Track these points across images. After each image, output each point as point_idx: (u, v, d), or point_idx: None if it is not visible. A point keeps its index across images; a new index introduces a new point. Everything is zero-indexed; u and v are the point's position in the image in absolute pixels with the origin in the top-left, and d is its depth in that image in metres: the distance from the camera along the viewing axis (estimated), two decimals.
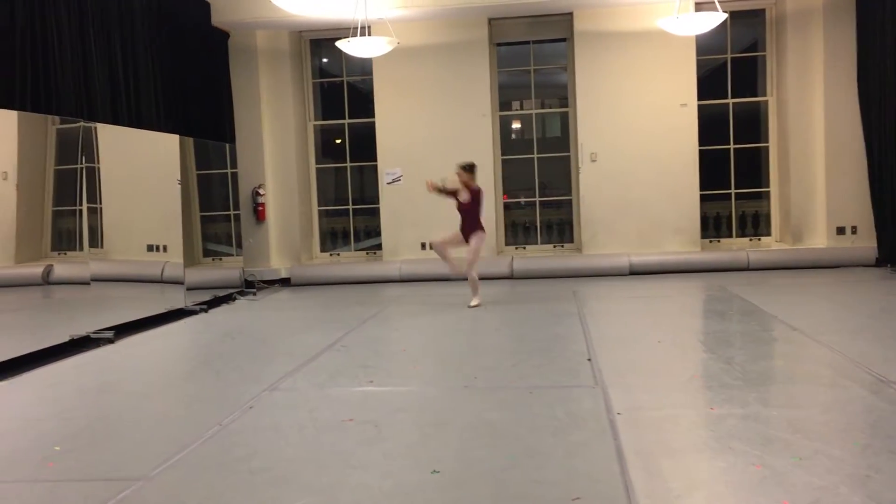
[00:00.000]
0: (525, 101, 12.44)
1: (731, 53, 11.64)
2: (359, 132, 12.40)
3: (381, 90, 11.78)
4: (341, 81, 12.53)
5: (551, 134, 12.75)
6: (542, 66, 12.27)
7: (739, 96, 11.71)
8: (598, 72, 11.31)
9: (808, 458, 3.64)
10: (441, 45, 11.55)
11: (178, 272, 9.20)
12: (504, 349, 6.70)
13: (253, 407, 4.98)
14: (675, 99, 11.20)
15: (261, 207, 11.72)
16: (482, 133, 11.62)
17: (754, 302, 8.19)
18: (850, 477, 3.42)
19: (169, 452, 4.12)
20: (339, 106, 12.53)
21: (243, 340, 7.62)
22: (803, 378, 5.19)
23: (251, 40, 11.64)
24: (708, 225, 11.89)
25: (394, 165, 11.80)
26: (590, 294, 9.46)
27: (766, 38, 11.50)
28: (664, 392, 4.97)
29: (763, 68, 11.65)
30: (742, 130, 11.74)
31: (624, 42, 11.20)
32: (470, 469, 3.76)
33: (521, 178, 12.31)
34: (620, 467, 3.66)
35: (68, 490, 3.72)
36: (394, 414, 4.73)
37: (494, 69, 11.90)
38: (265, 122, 11.82)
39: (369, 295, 10.31)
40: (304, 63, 12.27)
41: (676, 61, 11.13)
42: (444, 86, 11.61)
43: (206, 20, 10.74)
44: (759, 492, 3.31)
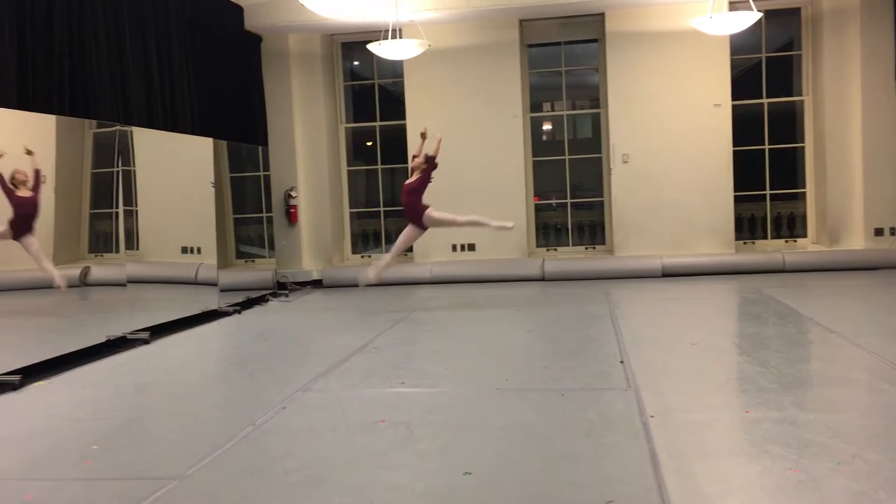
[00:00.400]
0: (556, 102, 12.39)
1: (765, 53, 11.50)
2: (390, 134, 12.45)
3: (412, 92, 11.81)
4: (372, 84, 12.58)
5: (582, 135, 12.69)
6: (573, 67, 12.22)
7: (774, 96, 11.56)
8: (630, 72, 11.23)
9: (845, 463, 3.58)
10: (472, 47, 11.55)
11: (212, 274, 9.30)
12: (536, 351, 6.68)
13: (286, 407, 5.02)
14: (709, 99, 11.08)
15: (293, 210, 11.81)
16: (513, 135, 11.59)
17: (790, 304, 8.08)
18: (890, 481, 3.36)
19: (203, 452, 4.17)
20: (370, 108, 12.58)
21: (276, 342, 7.68)
22: (841, 381, 5.11)
23: (283, 44, 11.74)
24: (742, 226, 11.75)
25: None
26: (622, 296, 9.40)
27: (802, 37, 11.35)
28: (698, 395, 4.92)
29: (798, 67, 11.49)
30: (777, 130, 11.59)
31: (656, 42, 11.11)
32: (502, 471, 3.75)
33: (553, 180, 12.27)
34: (654, 470, 3.63)
35: (105, 488, 3.78)
36: (426, 415, 4.74)
37: (525, 70, 11.87)
38: (297, 125, 11.90)
39: (400, 297, 10.33)
40: (335, 66, 12.35)
41: (710, 61, 11.01)
42: (474, 87, 11.61)
43: (240, 24, 10.85)
44: (795, 497, 3.26)
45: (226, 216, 10.08)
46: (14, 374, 5.83)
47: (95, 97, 7.69)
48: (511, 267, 11.45)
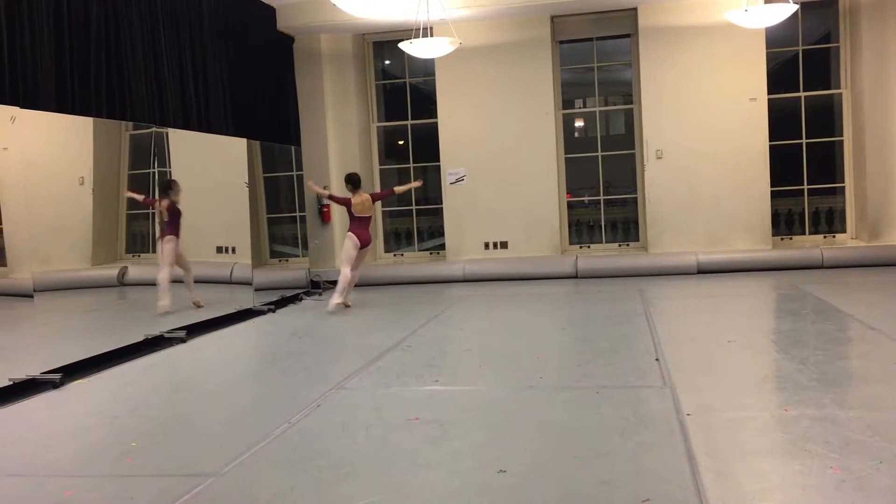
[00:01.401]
0: (588, 98, 12.32)
1: (802, 45, 11.32)
2: (421, 133, 12.46)
3: (444, 91, 11.81)
4: (404, 83, 12.60)
5: (615, 131, 12.60)
6: (605, 62, 12.13)
7: (811, 89, 11.38)
8: (664, 67, 11.12)
9: (888, 462, 3.51)
10: (503, 45, 11.51)
11: (247, 273, 9.38)
12: (569, 349, 6.64)
13: (320, 406, 5.05)
14: (744, 93, 10.93)
15: (326, 209, 11.87)
16: (545, 131, 11.54)
17: (829, 301, 7.94)
18: None
19: (240, 449, 4.21)
20: (402, 107, 12.61)
21: (310, 340, 7.73)
22: (882, 379, 5.00)
23: (315, 44, 11.81)
24: (779, 222, 11.58)
25: (457, 165, 11.82)
26: (656, 293, 9.31)
27: (840, 29, 11.15)
28: (735, 393, 4.85)
29: (836, 60, 11.29)
30: (814, 124, 11.40)
31: (690, 36, 10.99)
32: (537, 469, 3.74)
33: (585, 177, 12.20)
34: (691, 469, 3.59)
35: (144, 485, 3.83)
36: (460, 413, 4.73)
37: (557, 67, 11.81)
38: (329, 125, 11.96)
39: (433, 295, 10.34)
40: (367, 65, 12.39)
41: (745, 55, 10.87)
42: (506, 85, 11.58)
43: (272, 25, 10.93)
44: (837, 496, 3.21)
45: (259, 216, 10.17)
46: (55, 373, 5.93)
47: (132, 99, 7.81)
48: (544, 264, 11.40)
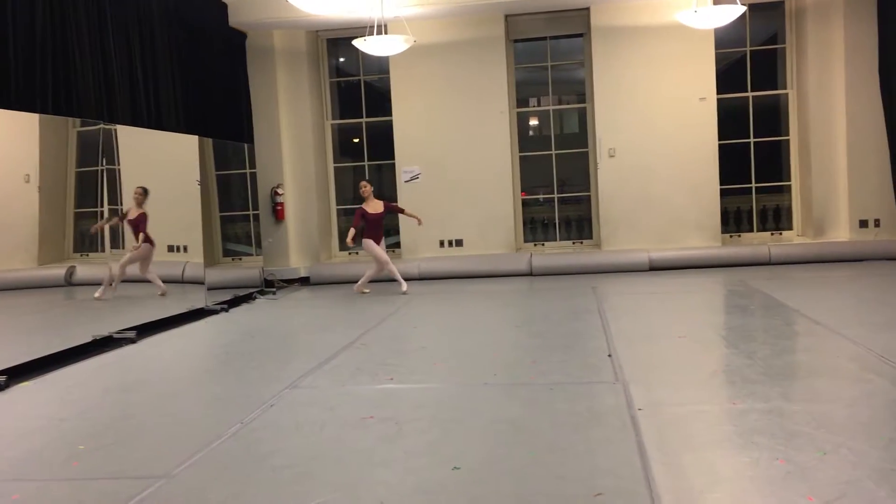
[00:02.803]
0: (542, 97, 12.40)
1: (750, 46, 11.54)
2: (376, 131, 12.42)
3: (398, 88, 11.79)
4: (358, 80, 12.55)
5: (569, 130, 12.71)
6: (559, 62, 12.23)
7: (759, 89, 11.61)
8: (616, 67, 11.25)
9: (832, 453, 3.61)
10: (458, 43, 11.54)
11: (199, 272, 9.26)
12: (524, 346, 6.68)
13: (274, 405, 5.01)
14: (694, 93, 11.12)
15: (279, 207, 11.77)
16: (500, 130, 11.60)
17: (776, 296, 8.12)
18: (876, 471, 3.38)
19: (191, 450, 4.15)
20: (357, 105, 12.55)
21: (264, 339, 7.66)
22: (827, 372, 5.14)
23: (268, 40, 11.69)
24: (728, 219, 11.80)
25: (411, 163, 11.82)
26: (609, 290, 9.42)
27: (786, 31, 11.40)
28: (686, 388, 4.94)
29: (783, 61, 11.54)
30: (762, 124, 11.64)
31: (641, 36, 11.14)
32: (491, 466, 3.76)
33: (540, 175, 12.28)
34: (642, 463, 3.64)
35: (92, 488, 3.75)
36: (414, 411, 4.73)
37: (511, 66, 11.87)
38: (283, 122, 11.86)
39: (388, 293, 10.31)
40: (321, 62, 12.31)
41: (695, 55, 11.05)
42: (461, 83, 11.60)
43: (224, 21, 10.79)
44: (783, 487, 3.28)
45: (212, 214, 10.04)
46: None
47: (79, 95, 7.63)
48: (499, 262, 11.46)
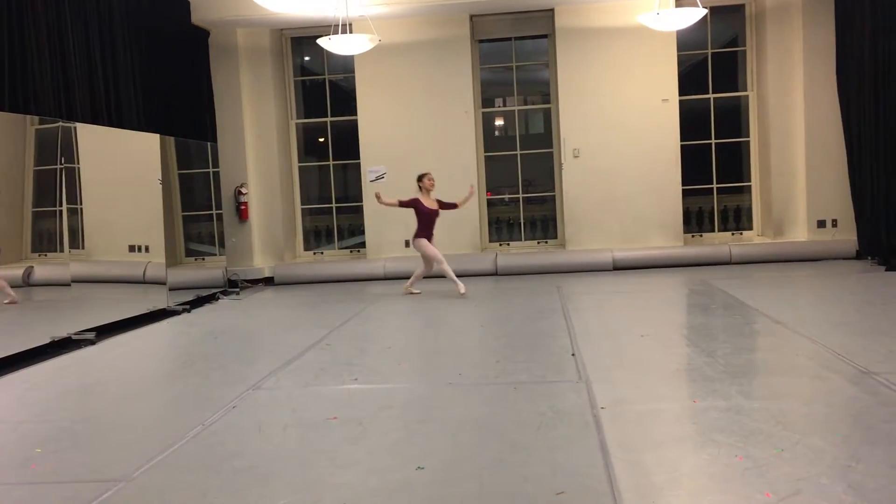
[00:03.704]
0: (508, 97, 12.45)
1: (711, 49, 11.70)
2: (342, 130, 12.38)
3: (364, 88, 11.75)
4: (323, 79, 12.48)
5: (534, 130, 12.77)
6: (524, 62, 12.28)
7: (720, 91, 11.78)
8: (580, 68, 11.33)
9: (789, 450, 3.67)
10: (423, 42, 11.53)
11: (161, 272, 9.14)
12: (488, 346, 6.70)
13: (236, 406, 4.96)
14: (657, 94, 11.24)
15: (243, 206, 11.67)
16: (465, 130, 11.62)
17: (737, 296, 8.24)
18: (832, 467, 3.44)
19: (151, 453, 4.10)
20: (322, 104, 12.49)
21: (227, 340, 7.58)
22: (785, 370, 5.22)
23: (232, 38, 11.59)
24: (691, 220, 11.95)
25: (377, 163, 11.79)
26: (574, 289, 9.49)
27: (746, 34, 11.57)
28: (648, 386, 4.99)
29: (743, 63, 11.71)
30: (723, 125, 11.81)
31: (605, 38, 11.23)
32: (455, 465, 3.76)
33: (505, 175, 12.33)
34: (604, 461, 3.67)
35: (50, 492, 3.68)
36: (379, 411, 4.72)
37: (477, 66, 11.90)
38: (247, 121, 11.77)
39: (354, 293, 10.29)
40: (285, 61, 12.23)
41: (657, 57, 11.17)
42: (426, 83, 11.61)
43: (186, 18, 10.67)
44: (741, 483, 3.33)
45: (174, 214, 9.91)
46: None
47: (36, 92, 7.50)
48: (464, 262, 11.45)
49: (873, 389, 4.58)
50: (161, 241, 9.19)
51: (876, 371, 4.94)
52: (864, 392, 4.55)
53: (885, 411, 4.17)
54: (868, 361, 5.18)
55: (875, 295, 8.11)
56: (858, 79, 10.18)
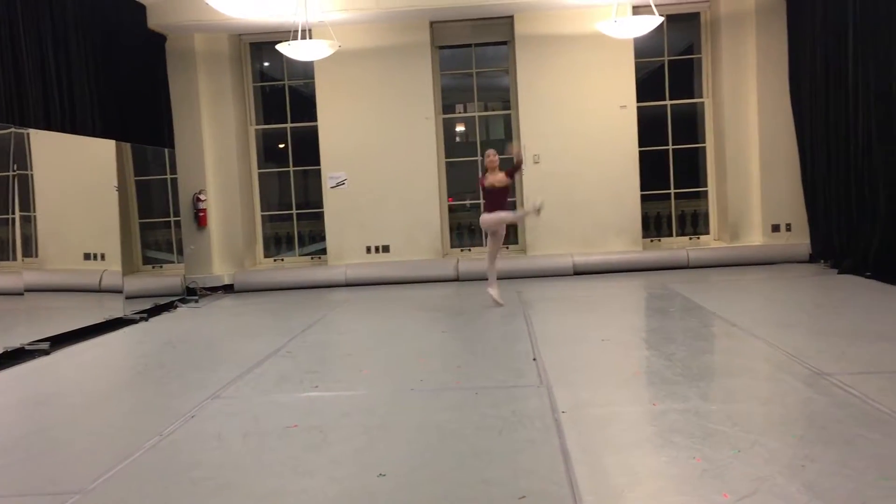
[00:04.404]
0: (468, 104, 12.48)
1: (667, 56, 11.87)
2: (302, 136, 12.30)
3: (324, 94, 11.71)
4: (283, 85, 12.41)
5: (495, 136, 12.82)
6: (484, 69, 12.33)
7: (676, 98, 11.95)
8: (539, 74, 11.42)
9: (746, 450, 3.73)
10: (383, 49, 11.53)
11: (117, 281, 8.99)
12: (450, 351, 6.71)
13: (195, 416, 4.89)
14: (615, 101, 11.37)
15: (202, 213, 11.54)
16: (426, 136, 11.63)
17: (694, 299, 8.36)
18: (787, 467, 3.51)
19: (107, 464, 4.02)
20: (282, 110, 12.41)
21: (185, 349, 7.48)
22: (742, 372, 5.31)
23: (189, 43, 11.46)
24: (649, 224, 12.09)
25: (337, 169, 11.74)
26: (535, 295, 9.54)
27: (702, 42, 11.76)
28: (608, 389, 5.03)
29: (699, 70, 11.90)
30: (680, 131, 11.98)
31: (564, 45, 11.33)
32: (417, 471, 3.75)
33: (466, 181, 12.35)
34: (565, 465, 3.69)
35: None
36: (340, 419, 4.69)
37: (437, 72, 11.92)
38: (205, 127, 11.64)
39: (315, 300, 10.22)
40: (244, 67, 12.12)
41: (615, 64, 11.30)
42: (386, 89, 11.59)
43: (142, 23, 10.54)
44: (699, 484, 3.38)
45: (131, 221, 9.76)
46: None
47: None
48: (426, 268, 11.48)
49: (826, 391, 4.68)
50: (117, 249, 9.04)
51: (829, 372, 5.04)
52: (818, 393, 4.64)
53: (838, 412, 4.26)
54: (821, 363, 5.28)
55: (828, 297, 8.29)
56: (810, 86, 10.41)
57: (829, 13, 9.79)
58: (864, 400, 4.42)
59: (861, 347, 5.69)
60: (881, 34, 8.70)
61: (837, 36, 9.64)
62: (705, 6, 11.56)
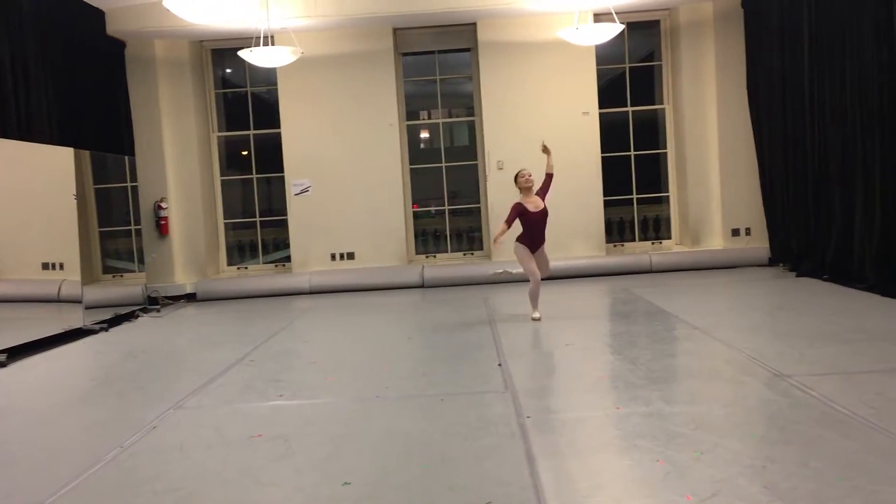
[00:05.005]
0: (432, 110, 12.50)
1: (629, 63, 12.00)
2: (265, 143, 12.21)
3: (287, 100, 11.64)
4: (245, 92, 12.31)
5: (459, 143, 12.85)
6: (447, 75, 12.36)
7: (638, 104, 12.08)
8: (502, 81, 11.47)
9: (708, 452, 3.77)
10: (346, 55, 11.50)
11: (76, 290, 8.84)
12: (416, 358, 6.70)
13: (157, 427, 4.82)
14: (578, 107, 11.46)
15: (163, 221, 11.39)
16: (390, 142, 11.61)
17: (657, 303, 8.44)
18: (748, 468, 3.56)
19: (66, 477, 3.95)
20: (244, 117, 12.31)
21: (146, 359, 7.37)
22: (704, 375, 5.37)
23: (149, 50, 11.32)
24: (612, 229, 12.20)
25: (301, 176, 11.68)
26: (500, 300, 9.57)
27: (662, 49, 11.92)
28: (572, 394, 5.06)
29: (659, 77, 12.05)
30: (642, 137, 12.11)
31: (526, 52, 11.40)
32: (382, 479, 3.74)
33: (431, 187, 12.36)
34: (530, 470, 3.70)
35: None
36: (304, 427, 4.66)
37: (400, 79, 11.92)
38: (166, 134, 11.50)
39: (279, 308, 10.14)
40: (205, 73, 12.01)
41: (578, 71, 11.40)
42: (350, 95, 11.57)
43: (101, 29, 10.39)
44: (663, 487, 3.41)
45: (90, 229, 9.61)
46: None
47: None
48: (391, 275, 11.46)
49: (786, 392, 4.75)
50: (77, 258, 8.88)
51: (789, 374, 5.13)
52: (778, 394, 4.72)
53: (797, 413, 4.33)
54: (781, 365, 5.37)
55: (787, 300, 8.43)
56: (767, 94, 10.61)
57: (786, 23, 9.99)
58: (823, 400, 4.50)
59: (819, 349, 5.80)
60: (835, 44, 8.89)
61: (793, 45, 9.84)
62: (665, 14, 11.72)
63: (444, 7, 10.62)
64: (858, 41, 8.42)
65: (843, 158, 8.95)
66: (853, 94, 8.60)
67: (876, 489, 3.25)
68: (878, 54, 8.03)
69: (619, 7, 10.53)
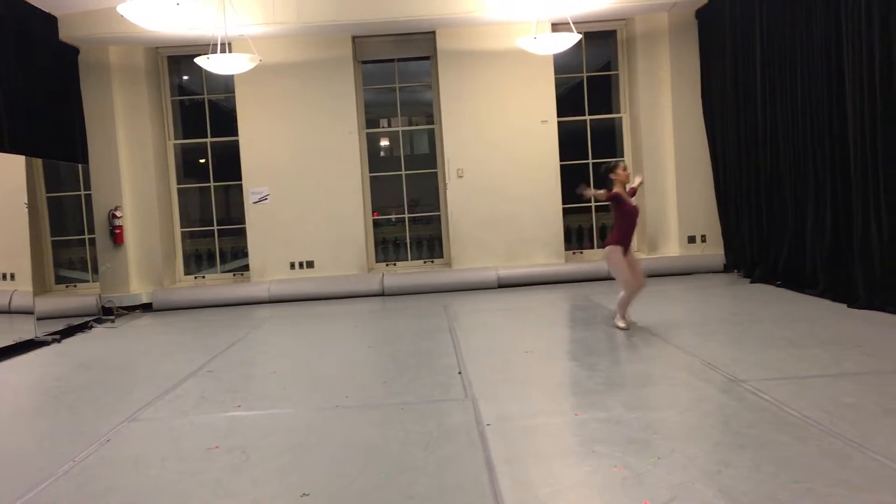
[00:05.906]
0: (392, 118, 12.50)
1: (586, 72, 12.13)
2: (223, 151, 12.10)
3: (245, 108, 11.55)
4: (203, 99, 12.19)
5: (419, 151, 12.87)
6: (407, 83, 12.37)
7: (595, 113, 12.21)
8: (462, 89, 11.52)
9: (665, 458, 3.81)
10: (305, 63, 11.45)
11: (28, 301, 8.65)
12: (376, 367, 6.67)
13: (111, 440, 4.73)
14: (537, 116, 11.55)
15: (118, 230, 11.21)
16: (349, 150, 11.58)
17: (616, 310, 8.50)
18: (705, 473, 3.60)
19: (16, 494, 3.85)
20: (202, 124, 12.18)
21: (100, 371, 7.23)
22: (661, 381, 5.43)
23: (103, 56, 11.15)
24: (571, 237, 12.30)
25: (260, 184, 11.58)
26: (460, 308, 9.58)
27: (619, 58, 12.07)
28: (532, 401, 5.08)
29: (616, 87, 12.20)
30: (599, 145, 12.24)
31: (485, 60, 11.47)
32: (342, 490, 3.71)
33: (391, 195, 12.35)
34: (490, 477, 3.71)
35: None
36: (263, 438, 4.61)
37: (360, 87, 11.90)
38: (121, 141, 11.33)
39: (237, 317, 10.03)
40: (161, 80, 11.86)
41: (536, 79, 11.49)
42: (309, 103, 11.52)
43: (54, 35, 10.20)
44: (621, 493, 3.43)
45: (43, 239, 9.41)
46: None
47: None
48: (351, 283, 11.41)
49: (741, 397, 4.83)
50: (28, 268, 8.70)
51: (743, 379, 5.21)
52: (733, 399, 4.79)
53: (752, 417, 4.40)
54: (736, 370, 5.46)
55: (741, 306, 8.57)
56: (721, 103, 10.80)
57: (738, 33, 10.18)
58: (777, 405, 4.58)
59: (773, 354, 5.91)
60: (786, 55, 9.09)
61: (746, 55, 10.04)
62: (621, 24, 11.87)
63: (404, 15, 10.64)
64: (809, 52, 8.62)
65: (795, 166, 9.14)
66: (804, 104, 8.80)
67: (829, 492, 3.31)
68: (828, 64, 8.23)
69: (576, 17, 10.65)
